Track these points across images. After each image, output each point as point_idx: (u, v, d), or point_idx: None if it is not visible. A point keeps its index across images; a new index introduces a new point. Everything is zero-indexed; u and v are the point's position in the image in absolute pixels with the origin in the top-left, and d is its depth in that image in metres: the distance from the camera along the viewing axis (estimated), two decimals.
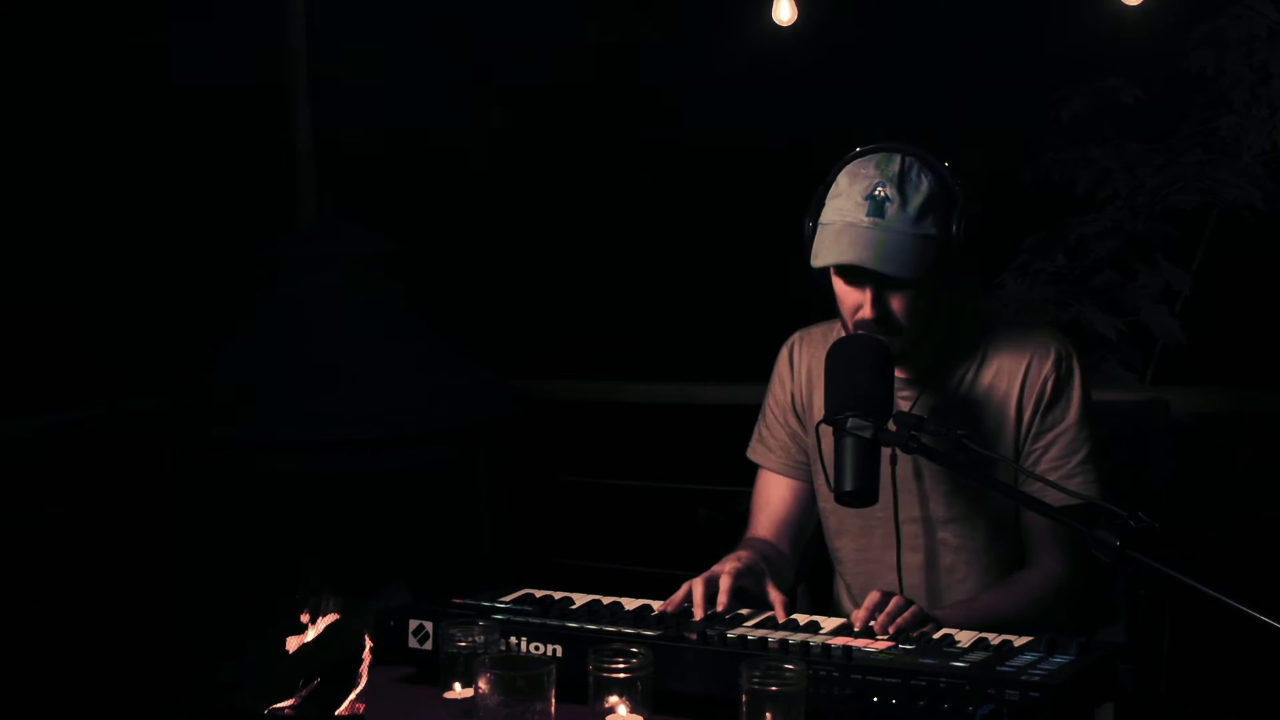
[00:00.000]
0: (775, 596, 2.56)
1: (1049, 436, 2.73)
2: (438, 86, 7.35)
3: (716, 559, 2.65)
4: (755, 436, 2.96)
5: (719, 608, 2.53)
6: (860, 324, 2.67)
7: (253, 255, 4.39)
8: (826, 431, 2.63)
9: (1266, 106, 4.51)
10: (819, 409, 2.76)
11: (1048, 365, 2.73)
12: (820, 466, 2.78)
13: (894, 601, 2.43)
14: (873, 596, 2.46)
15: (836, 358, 2.61)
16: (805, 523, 2.92)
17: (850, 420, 2.51)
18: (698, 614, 2.50)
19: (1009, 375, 2.74)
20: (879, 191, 2.60)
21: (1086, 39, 5.08)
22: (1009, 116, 5.58)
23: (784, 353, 2.93)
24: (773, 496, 2.91)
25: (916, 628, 2.42)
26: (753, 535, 2.89)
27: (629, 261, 7.52)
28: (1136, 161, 4.59)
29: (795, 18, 4.67)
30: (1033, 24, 6.20)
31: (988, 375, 2.75)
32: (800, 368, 2.88)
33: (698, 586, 2.54)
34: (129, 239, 6.00)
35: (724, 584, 2.55)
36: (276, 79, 4.63)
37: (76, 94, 5.94)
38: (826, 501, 2.84)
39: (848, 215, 2.62)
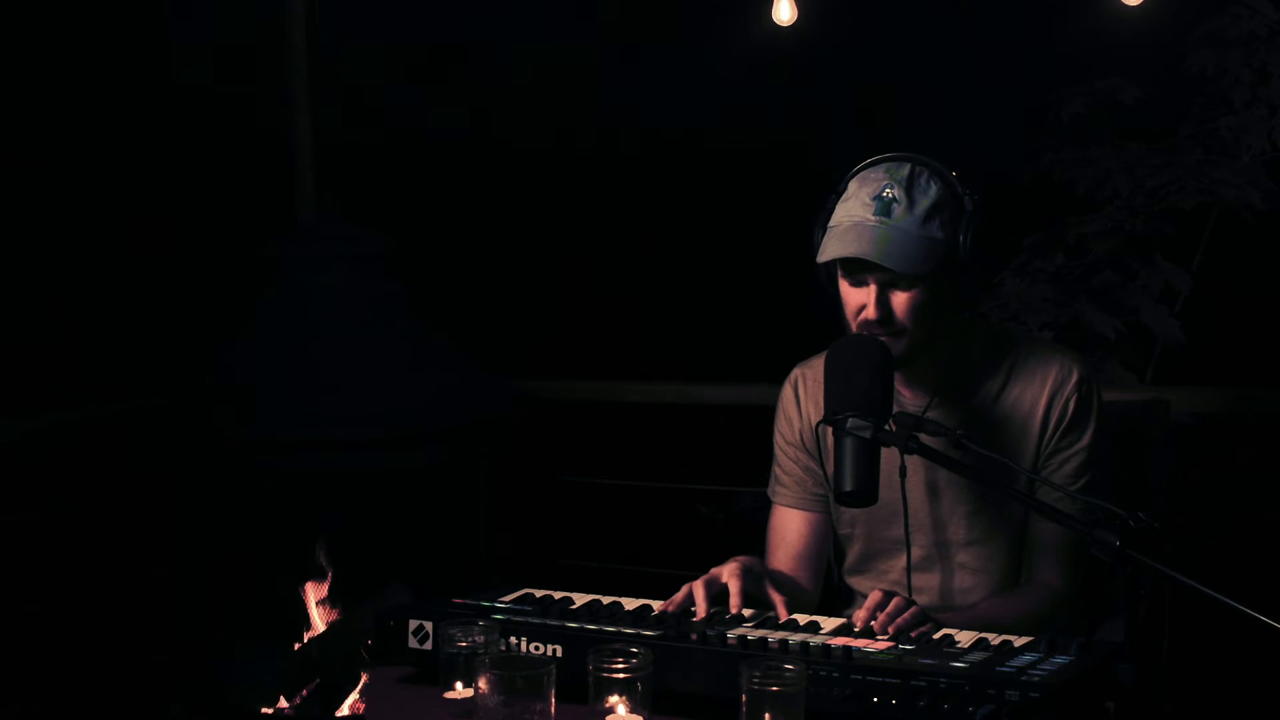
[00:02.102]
0: (776, 597, 2.56)
1: (1062, 456, 2.74)
2: (438, 86, 7.36)
3: (716, 558, 2.64)
4: (773, 477, 2.95)
5: (733, 610, 2.53)
6: (864, 325, 2.67)
7: (253, 255, 4.39)
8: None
9: (1266, 106, 4.51)
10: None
11: (1071, 386, 2.74)
12: (824, 470, 2.79)
13: (894, 601, 2.44)
14: (874, 596, 2.46)
15: (836, 358, 2.61)
16: (823, 554, 2.91)
17: (850, 420, 2.51)
18: (700, 613, 2.50)
19: (1033, 394, 2.75)
20: (887, 193, 2.64)
21: (1086, 39, 5.08)
22: (1009, 116, 5.59)
23: (788, 391, 2.92)
24: (789, 531, 2.90)
25: (916, 627, 2.42)
26: (771, 569, 2.88)
27: (630, 261, 7.53)
28: (1136, 161, 4.59)
29: (795, 18, 4.67)
30: (1033, 24, 6.20)
31: (1012, 394, 2.76)
32: (807, 405, 2.88)
33: (699, 588, 2.54)
34: (129, 239, 6.00)
35: (733, 587, 2.55)
36: (276, 79, 4.63)
37: (76, 94, 5.94)
38: (847, 528, 2.85)
39: (855, 215, 2.65)
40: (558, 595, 2.61)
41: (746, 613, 2.54)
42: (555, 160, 7.49)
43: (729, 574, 2.57)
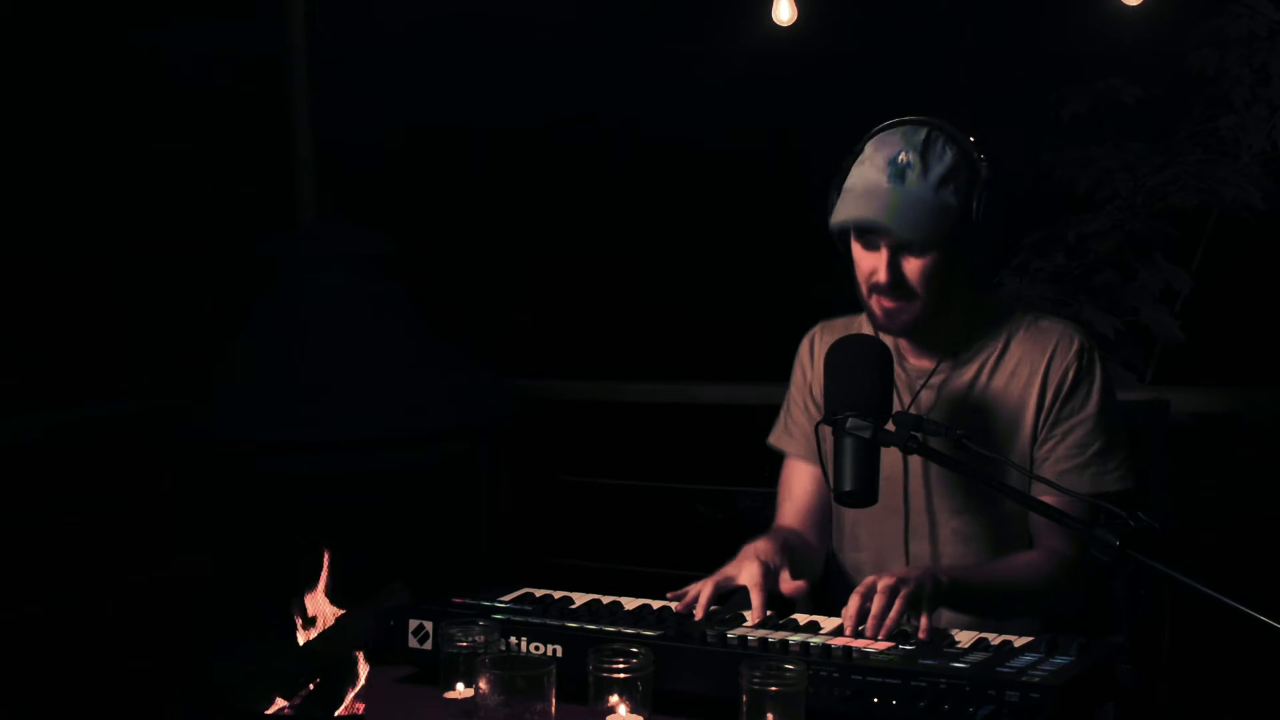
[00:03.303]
0: (787, 586, 2.55)
1: (1066, 425, 2.74)
2: (438, 86, 7.36)
3: (716, 558, 2.64)
4: (779, 424, 2.97)
5: (754, 621, 2.51)
6: (874, 288, 2.67)
7: (253, 255, 4.39)
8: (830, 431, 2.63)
9: (1266, 106, 4.51)
10: None
11: (1070, 355, 2.74)
12: (824, 467, 2.79)
13: (877, 601, 2.39)
14: (854, 601, 2.41)
15: (836, 358, 2.62)
16: (830, 509, 2.92)
17: (850, 420, 2.51)
18: (698, 614, 2.50)
19: (1031, 365, 2.75)
20: (902, 157, 2.64)
21: (1086, 39, 5.08)
22: (1009, 116, 5.58)
23: (805, 343, 2.95)
24: (796, 485, 2.92)
25: (912, 609, 2.41)
26: (779, 525, 2.89)
27: (630, 261, 7.53)
28: (1136, 161, 4.59)
29: (795, 18, 4.68)
30: (1033, 24, 6.20)
31: (1009, 365, 2.76)
32: (819, 358, 2.88)
33: (706, 589, 2.53)
34: (129, 239, 6.00)
35: (755, 600, 2.53)
36: (276, 79, 4.63)
37: (77, 94, 5.94)
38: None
39: (869, 179, 2.66)
40: (558, 595, 2.61)
41: (746, 613, 2.54)
42: (555, 160, 7.49)
43: (749, 578, 2.55)
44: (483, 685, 2.14)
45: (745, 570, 2.57)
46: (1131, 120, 4.72)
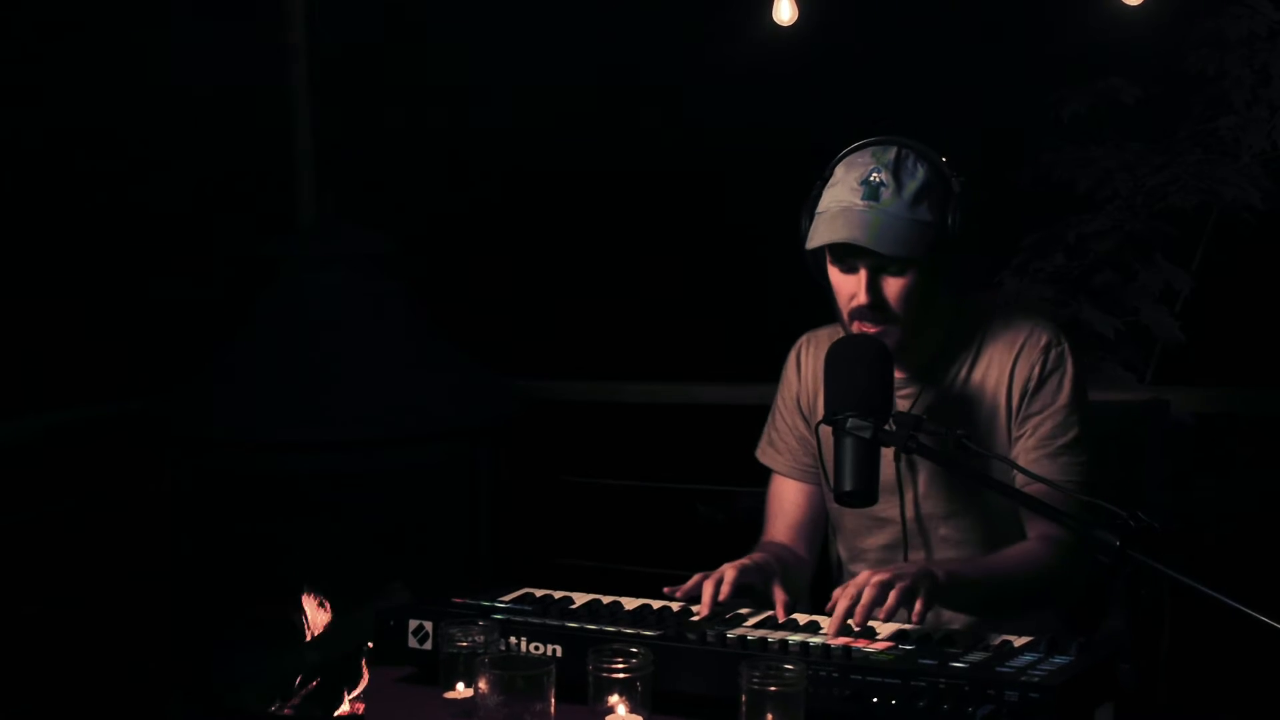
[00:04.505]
0: (779, 596, 2.55)
1: (1037, 419, 2.73)
2: (438, 86, 7.36)
3: (716, 558, 2.65)
4: (764, 438, 2.97)
5: (720, 598, 2.52)
6: (855, 312, 2.67)
7: (253, 255, 4.39)
8: (830, 432, 2.63)
9: (1266, 106, 4.51)
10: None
11: (1036, 353, 2.74)
12: (823, 467, 2.79)
13: (867, 593, 2.39)
14: (842, 604, 2.39)
15: (836, 358, 2.62)
16: (819, 524, 2.93)
17: (850, 420, 2.51)
18: (702, 612, 2.50)
19: (1000, 366, 2.76)
20: (874, 177, 2.63)
21: (1086, 39, 5.08)
22: (1009, 116, 5.59)
23: (792, 355, 2.94)
24: (785, 501, 2.92)
25: (907, 604, 2.40)
26: (768, 539, 2.90)
27: (629, 261, 7.53)
28: (1136, 161, 4.59)
29: (795, 18, 4.68)
30: (1033, 24, 6.20)
31: (981, 368, 2.77)
32: (807, 370, 2.89)
33: (707, 585, 2.53)
34: (129, 239, 6.01)
35: (728, 576, 2.55)
36: (276, 79, 4.64)
37: (77, 93, 5.94)
38: (832, 503, 2.85)
39: (842, 200, 2.64)
40: (557, 595, 2.61)
41: (746, 612, 2.54)
42: (555, 160, 7.49)
43: (730, 566, 2.57)
44: (483, 685, 2.14)
45: (734, 563, 2.58)
46: (1131, 120, 4.72)
